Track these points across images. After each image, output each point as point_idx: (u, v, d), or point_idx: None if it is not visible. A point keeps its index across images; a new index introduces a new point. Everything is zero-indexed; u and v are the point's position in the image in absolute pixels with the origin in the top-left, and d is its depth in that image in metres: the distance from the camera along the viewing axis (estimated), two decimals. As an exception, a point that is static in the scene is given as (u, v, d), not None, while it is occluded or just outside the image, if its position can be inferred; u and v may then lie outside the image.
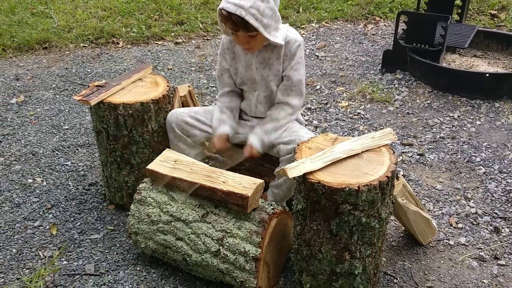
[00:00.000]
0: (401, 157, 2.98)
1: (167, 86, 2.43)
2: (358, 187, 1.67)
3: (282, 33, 2.14)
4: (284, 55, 2.18)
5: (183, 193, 2.06)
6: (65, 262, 2.24)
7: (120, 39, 4.79)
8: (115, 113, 2.27)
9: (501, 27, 4.86)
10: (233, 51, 2.28)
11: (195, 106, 2.77)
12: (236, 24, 2.02)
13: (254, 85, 2.30)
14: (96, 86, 2.37)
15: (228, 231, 1.94)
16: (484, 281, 2.13)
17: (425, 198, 2.63)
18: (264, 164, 2.42)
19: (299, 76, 2.22)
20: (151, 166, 2.13)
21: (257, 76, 2.25)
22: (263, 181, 1.98)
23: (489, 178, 2.78)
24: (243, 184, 1.94)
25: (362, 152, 1.87)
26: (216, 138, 2.27)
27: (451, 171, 2.86)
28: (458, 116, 3.41)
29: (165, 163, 2.14)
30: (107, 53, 4.53)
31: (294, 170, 1.75)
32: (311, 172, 1.75)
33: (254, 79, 2.27)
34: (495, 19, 5.04)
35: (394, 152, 1.88)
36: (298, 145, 1.95)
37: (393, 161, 1.81)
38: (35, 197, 2.65)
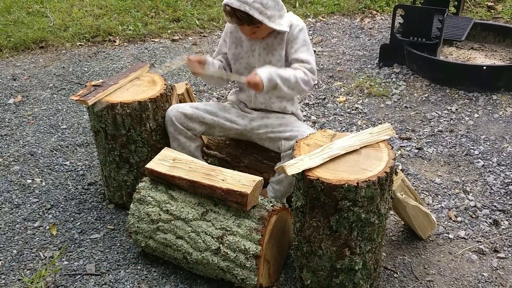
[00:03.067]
0: (399, 151, 2.98)
1: (165, 84, 2.43)
2: (357, 183, 1.68)
3: (287, 19, 2.17)
4: (287, 40, 2.19)
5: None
6: (65, 262, 2.24)
7: (117, 37, 4.77)
8: (113, 112, 2.27)
9: (498, 19, 4.85)
10: (236, 36, 2.30)
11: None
12: (241, 19, 2.07)
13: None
14: (93, 85, 2.36)
15: (228, 229, 1.94)
16: (484, 274, 2.13)
17: (424, 192, 2.63)
18: (263, 161, 2.42)
19: (307, 57, 2.16)
20: (150, 165, 2.13)
21: (258, 63, 2.26)
22: (262, 178, 1.98)
23: (487, 171, 2.78)
24: (242, 181, 1.94)
25: (360, 148, 1.87)
26: (194, 56, 2.21)
27: (449, 164, 2.86)
28: (456, 109, 3.41)
29: (164, 161, 2.14)
30: (103, 52, 4.51)
31: (293, 167, 1.75)
32: (310, 169, 1.75)
33: (254, 67, 2.27)
34: (492, 11, 5.03)
35: (392, 147, 1.89)
36: (296, 142, 1.95)
37: (391, 157, 1.81)
38: (35, 198, 2.65)
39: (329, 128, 3.23)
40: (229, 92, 3.30)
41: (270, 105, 2.33)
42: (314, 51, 4.38)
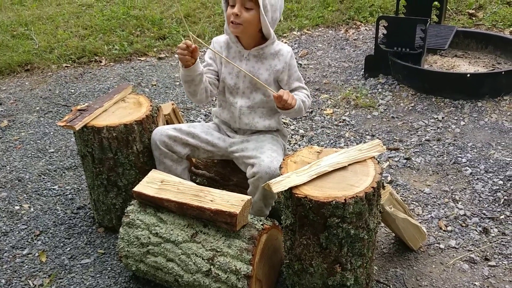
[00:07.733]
0: (387, 162, 2.99)
1: (150, 105, 2.43)
2: (345, 199, 1.68)
3: (274, 37, 2.21)
4: (282, 67, 2.24)
5: None
6: (56, 290, 2.21)
7: (103, 57, 4.77)
8: (99, 136, 2.26)
9: (480, 26, 4.92)
10: (223, 56, 2.28)
11: (180, 123, 2.76)
12: None
13: (234, 95, 2.30)
14: (79, 110, 2.35)
15: (218, 250, 1.93)
16: (476, 283, 2.14)
17: (414, 202, 2.64)
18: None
19: (303, 83, 2.34)
20: (138, 188, 2.12)
21: (243, 84, 2.27)
22: (251, 197, 1.98)
23: (475, 178, 2.80)
24: (231, 201, 1.94)
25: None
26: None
27: (438, 173, 2.88)
28: (442, 118, 3.44)
29: (152, 184, 2.13)
30: (90, 72, 4.51)
31: (279, 184, 1.75)
32: (297, 187, 1.75)
33: (239, 87, 2.28)
34: (473, 18, 5.10)
35: (379, 162, 1.89)
36: (283, 160, 1.95)
37: (378, 171, 1.82)
38: (23, 224, 2.62)
39: (317, 142, 3.24)
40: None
41: (254, 125, 2.33)
42: (300, 65, 4.43)
